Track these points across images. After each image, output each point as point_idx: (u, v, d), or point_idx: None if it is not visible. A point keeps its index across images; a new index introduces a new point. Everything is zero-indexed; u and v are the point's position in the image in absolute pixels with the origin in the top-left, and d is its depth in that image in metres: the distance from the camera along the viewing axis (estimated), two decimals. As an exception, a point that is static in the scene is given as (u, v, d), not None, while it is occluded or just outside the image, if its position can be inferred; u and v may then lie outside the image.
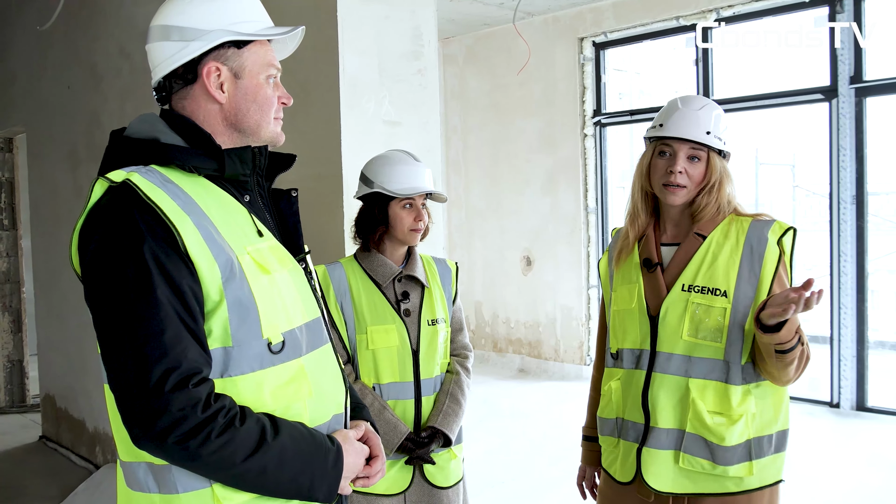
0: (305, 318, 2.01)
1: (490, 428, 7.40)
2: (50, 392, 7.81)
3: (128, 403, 1.71)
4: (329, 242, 4.07)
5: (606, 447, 2.91)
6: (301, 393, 1.93)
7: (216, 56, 1.93)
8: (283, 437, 1.82)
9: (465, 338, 3.47)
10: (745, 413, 2.63)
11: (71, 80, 6.94)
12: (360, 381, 3.18)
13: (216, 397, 1.76)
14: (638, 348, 2.78)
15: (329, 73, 4.08)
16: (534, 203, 9.91)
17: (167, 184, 1.83)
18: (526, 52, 9.29)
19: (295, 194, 2.17)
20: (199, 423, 1.69)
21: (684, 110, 2.75)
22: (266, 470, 1.78)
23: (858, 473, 6.06)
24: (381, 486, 3.16)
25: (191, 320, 1.75)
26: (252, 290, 1.84)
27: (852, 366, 7.49)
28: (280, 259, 1.97)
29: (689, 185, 2.74)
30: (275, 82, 2.03)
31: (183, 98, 1.97)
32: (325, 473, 1.90)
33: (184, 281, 1.75)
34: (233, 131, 1.99)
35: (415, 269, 3.28)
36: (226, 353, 1.82)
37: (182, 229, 1.76)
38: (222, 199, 1.93)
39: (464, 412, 3.28)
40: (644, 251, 2.85)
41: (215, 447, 1.71)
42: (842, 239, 7.44)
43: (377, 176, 3.22)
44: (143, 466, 1.85)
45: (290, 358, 1.92)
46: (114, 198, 1.78)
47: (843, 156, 7.36)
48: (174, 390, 1.68)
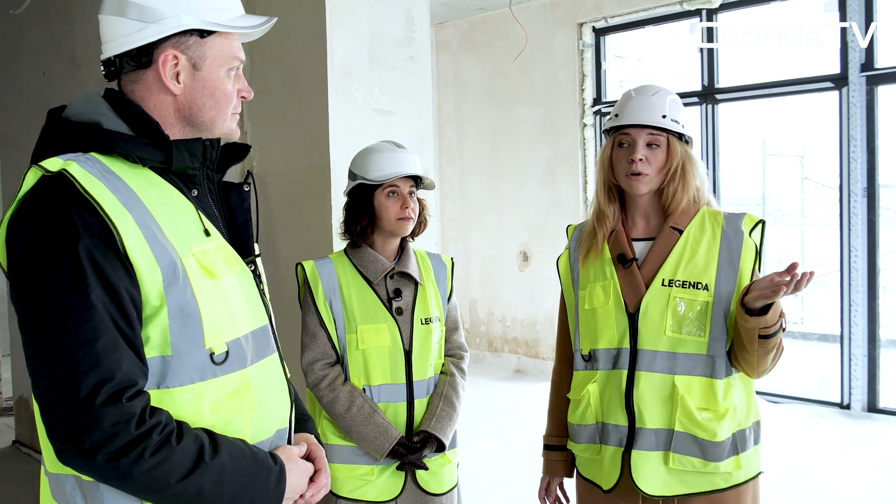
0: (252, 325, 1.93)
1: (485, 431, 7.38)
2: (24, 395, 7.77)
3: (54, 416, 1.64)
4: (317, 237, 4.06)
5: (586, 455, 2.91)
6: (244, 407, 1.86)
7: (176, 42, 1.84)
8: (222, 455, 1.75)
9: (461, 337, 3.46)
10: (729, 407, 2.69)
11: (47, 66, 6.91)
12: (350, 382, 3.17)
13: (151, 411, 1.68)
14: (615, 347, 2.78)
15: (317, 59, 4.06)
16: (532, 196, 9.90)
17: (108, 175, 1.74)
18: (523, 38, 9.27)
19: (247, 188, 2.08)
20: (132, 440, 1.62)
21: (638, 98, 2.80)
22: (202, 491, 1.71)
23: (870, 478, 6.03)
24: (372, 493, 3.15)
25: (127, 327, 1.67)
26: (196, 295, 1.77)
27: (863, 365, 7.48)
28: (227, 261, 1.89)
29: (650, 172, 2.76)
30: (236, 74, 1.94)
31: (133, 81, 1.88)
32: (267, 494, 1.84)
33: (121, 284, 1.67)
34: (184, 125, 1.91)
35: (408, 265, 3.27)
36: (163, 363, 1.74)
37: (122, 227, 1.68)
38: (167, 193, 1.84)
39: (459, 415, 3.27)
40: (616, 247, 2.86)
41: (149, 466, 1.64)
42: (852, 233, 7.43)
43: (360, 167, 3.22)
44: (70, 480, 1.77)
45: (234, 369, 1.85)
46: (48, 189, 1.69)
47: (854, 146, 7.35)
48: (106, 404, 1.61)
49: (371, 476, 3.15)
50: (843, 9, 7.33)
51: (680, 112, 2.79)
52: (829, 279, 13.67)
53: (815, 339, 11.88)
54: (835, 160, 7.62)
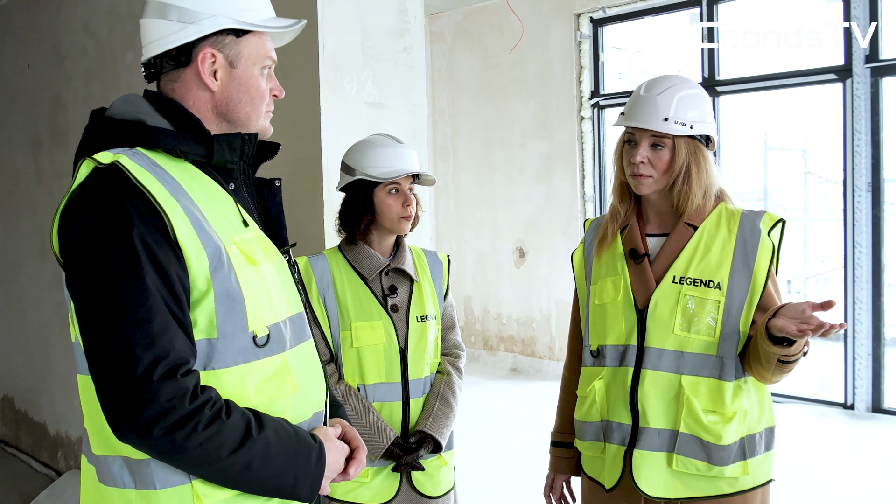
0: (289, 311, 2.05)
1: (481, 432, 7.39)
2: (9, 394, 7.78)
3: (112, 392, 1.73)
4: (308, 233, 4.06)
5: (591, 453, 2.91)
6: (284, 388, 1.97)
7: (213, 42, 1.97)
8: (267, 432, 1.86)
9: (457, 336, 3.46)
10: (738, 410, 2.67)
11: (32, 58, 6.90)
12: (344, 381, 3.17)
13: (202, 389, 1.79)
14: (623, 344, 2.78)
15: (308, 51, 4.05)
16: (527, 191, 9.88)
17: (155, 168, 1.86)
18: (519, 29, 9.26)
19: (278, 184, 2.23)
20: (187, 414, 1.73)
21: (644, 96, 2.77)
22: (251, 465, 1.82)
23: (874, 479, 6.04)
24: (366, 496, 3.14)
25: (178, 310, 1.79)
26: (239, 280, 1.89)
27: (867, 365, 7.46)
28: (265, 250, 2.01)
29: (654, 174, 2.75)
30: (268, 74, 2.08)
31: (173, 80, 2.00)
32: (309, 471, 1.94)
33: (172, 268, 1.78)
34: (221, 121, 2.03)
35: (403, 262, 3.27)
36: (210, 346, 1.85)
37: (172, 215, 1.80)
38: (208, 186, 1.97)
39: (455, 416, 3.27)
40: (628, 241, 2.86)
41: (202, 439, 1.74)
42: (856, 229, 7.41)
43: (358, 162, 3.20)
44: (118, 461, 1.87)
45: (275, 352, 1.96)
46: (101, 180, 1.81)
47: (858, 140, 7.33)
48: (162, 380, 1.71)
49: (365, 478, 3.14)
50: (847, 4, 7.30)
51: (690, 111, 2.73)
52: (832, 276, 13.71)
53: (818, 336, 11.85)
54: (838, 154, 7.59)
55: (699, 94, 2.78)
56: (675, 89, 2.75)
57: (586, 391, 2.89)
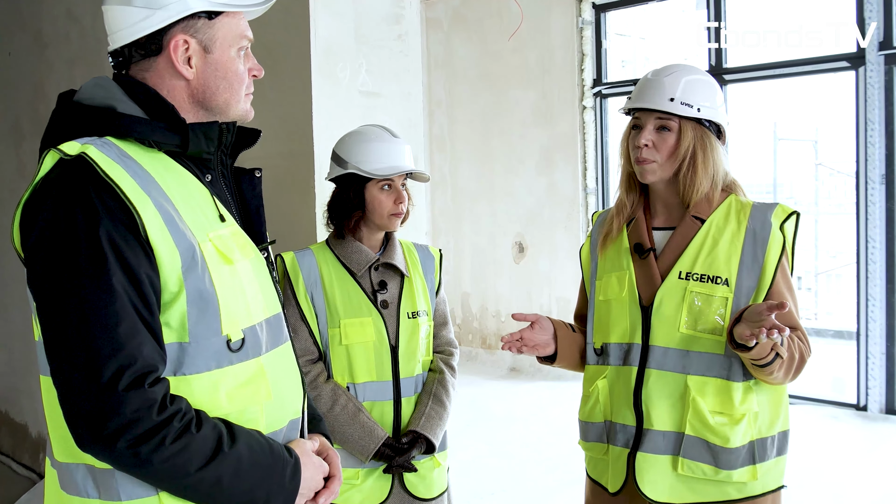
0: (266, 313, 2.00)
1: (478, 433, 7.39)
2: (-10, 396, 7.79)
3: (75, 401, 1.68)
4: (299, 227, 4.06)
5: (594, 454, 2.91)
6: (259, 395, 1.93)
7: (184, 27, 1.90)
8: (240, 445, 1.81)
9: (450, 333, 3.47)
10: (747, 412, 2.66)
11: (13, 46, 6.90)
12: (333, 380, 3.17)
13: (171, 399, 1.74)
14: (627, 342, 2.78)
15: (300, 37, 4.06)
16: (528, 183, 9.87)
17: (125, 159, 1.80)
18: (518, 15, 9.25)
19: (258, 175, 2.17)
20: (154, 426, 1.68)
21: (652, 79, 2.78)
22: (221, 481, 1.78)
23: (887, 483, 6.04)
24: (357, 498, 3.15)
25: (147, 313, 1.73)
26: (213, 281, 1.83)
27: (881, 364, 7.44)
28: (242, 248, 1.96)
29: (658, 158, 2.75)
30: (245, 53, 2.02)
31: (144, 70, 1.93)
32: (283, 488, 1.90)
33: (142, 269, 1.72)
34: (198, 109, 1.98)
35: (393, 257, 3.27)
36: (181, 350, 1.80)
37: (143, 212, 1.74)
38: (183, 178, 1.91)
39: (448, 415, 3.28)
40: (634, 236, 2.86)
41: (169, 454, 1.69)
42: (870, 223, 7.40)
43: (351, 155, 3.20)
44: (82, 468, 1.83)
45: (250, 357, 1.92)
46: (66, 172, 1.75)
47: (872, 130, 7.33)
48: (128, 389, 1.66)
49: (356, 480, 3.15)
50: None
51: (698, 95, 2.73)
52: (844, 272, 13.72)
53: (830, 336, 11.88)
54: (851, 145, 7.58)
55: (708, 81, 2.79)
56: (684, 73, 2.77)
57: (589, 390, 2.90)
